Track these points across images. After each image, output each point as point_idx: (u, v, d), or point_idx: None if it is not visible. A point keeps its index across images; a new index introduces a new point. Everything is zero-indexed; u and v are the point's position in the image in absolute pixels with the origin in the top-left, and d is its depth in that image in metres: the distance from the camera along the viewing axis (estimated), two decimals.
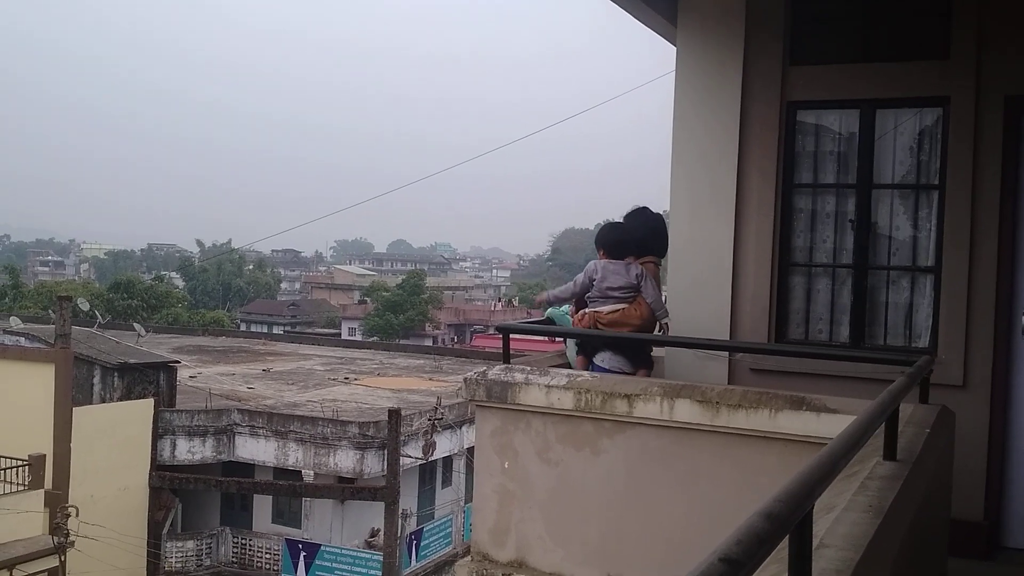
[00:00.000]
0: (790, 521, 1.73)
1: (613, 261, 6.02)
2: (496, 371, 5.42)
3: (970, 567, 5.48)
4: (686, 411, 4.79)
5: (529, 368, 5.43)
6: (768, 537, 1.56)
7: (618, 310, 5.96)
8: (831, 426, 4.15)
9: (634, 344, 6.06)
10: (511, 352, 5.77)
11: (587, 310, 6.04)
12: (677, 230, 6.70)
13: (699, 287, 6.38)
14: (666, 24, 7.03)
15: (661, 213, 6.69)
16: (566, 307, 6.42)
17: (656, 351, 6.52)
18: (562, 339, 6.58)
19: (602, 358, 5.97)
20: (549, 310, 6.91)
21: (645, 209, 6.64)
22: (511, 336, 5.99)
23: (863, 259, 6.45)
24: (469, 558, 5.59)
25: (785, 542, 1.83)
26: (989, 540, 5.98)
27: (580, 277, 6.04)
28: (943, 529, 4.83)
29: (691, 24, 6.73)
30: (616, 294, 5.97)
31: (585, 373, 5.53)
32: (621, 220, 6.60)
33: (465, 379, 5.55)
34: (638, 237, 6.26)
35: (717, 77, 6.62)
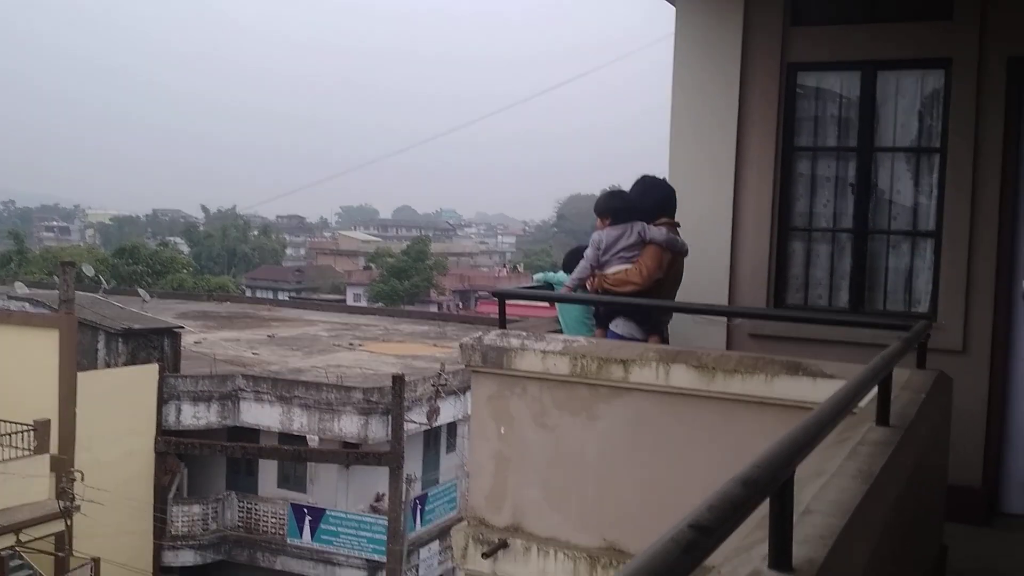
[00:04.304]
0: (769, 487, 1.70)
1: (616, 226, 5.95)
2: (492, 336, 5.40)
3: (968, 532, 5.46)
4: (682, 376, 4.77)
5: (525, 334, 5.41)
6: (743, 503, 1.54)
7: (621, 270, 5.91)
8: (827, 391, 4.08)
9: (641, 309, 6.00)
10: (509, 318, 5.75)
11: (597, 272, 5.99)
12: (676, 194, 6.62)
13: (698, 251, 6.31)
14: None
15: (664, 178, 6.57)
16: (562, 274, 6.36)
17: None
18: (553, 305, 6.53)
19: (616, 324, 5.93)
20: (543, 274, 6.86)
21: (646, 176, 6.52)
22: (511, 302, 5.96)
23: (863, 223, 6.39)
24: (465, 523, 5.60)
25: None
26: (987, 506, 5.97)
27: (589, 252, 5.96)
28: (940, 495, 4.81)
29: None
30: (625, 254, 5.91)
31: (581, 338, 5.49)
32: (623, 189, 6.48)
33: (461, 345, 5.54)
34: (647, 203, 6.14)
35: (717, 38, 6.53)
